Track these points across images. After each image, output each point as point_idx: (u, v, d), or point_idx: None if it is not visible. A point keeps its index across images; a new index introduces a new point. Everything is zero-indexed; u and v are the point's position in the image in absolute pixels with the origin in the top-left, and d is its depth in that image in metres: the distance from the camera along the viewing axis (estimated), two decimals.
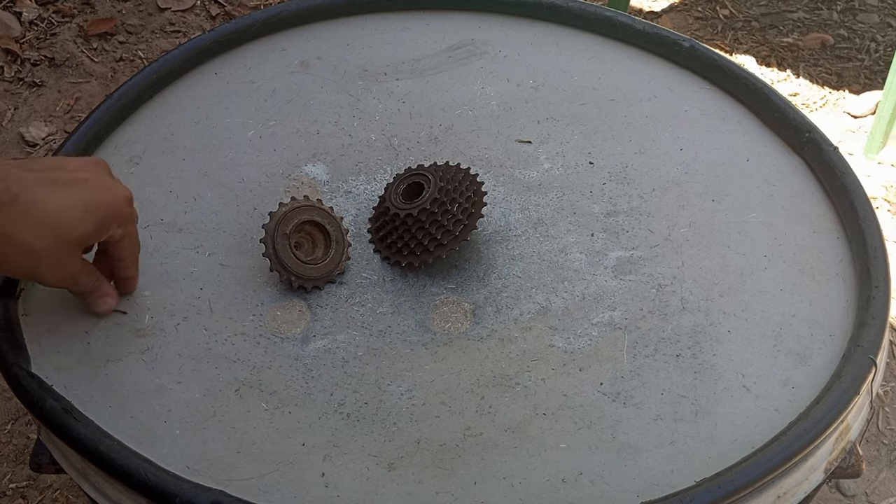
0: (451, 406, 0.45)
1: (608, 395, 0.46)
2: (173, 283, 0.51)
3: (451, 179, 0.51)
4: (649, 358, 0.47)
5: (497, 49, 0.65)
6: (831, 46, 1.22)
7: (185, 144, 0.58)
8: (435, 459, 0.43)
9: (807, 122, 0.57)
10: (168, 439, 0.43)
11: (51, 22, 1.11)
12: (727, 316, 0.49)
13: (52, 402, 0.43)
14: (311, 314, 0.50)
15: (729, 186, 0.56)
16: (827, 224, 0.53)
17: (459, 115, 0.61)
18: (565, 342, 0.48)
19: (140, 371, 0.46)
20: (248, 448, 0.43)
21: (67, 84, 1.05)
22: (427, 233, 0.50)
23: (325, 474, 0.42)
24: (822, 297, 0.50)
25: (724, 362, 0.47)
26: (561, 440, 0.44)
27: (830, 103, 1.16)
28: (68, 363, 0.46)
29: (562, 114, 0.60)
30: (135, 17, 1.12)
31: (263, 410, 0.45)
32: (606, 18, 0.65)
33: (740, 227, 0.53)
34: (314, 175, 0.57)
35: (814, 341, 0.48)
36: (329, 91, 0.62)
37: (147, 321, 0.49)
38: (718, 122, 0.60)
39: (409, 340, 0.49)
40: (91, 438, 0.42)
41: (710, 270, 0.51)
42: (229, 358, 0.47)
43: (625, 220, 0.54)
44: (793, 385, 0.46)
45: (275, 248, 0.49)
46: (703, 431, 0.44)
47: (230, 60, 0.63)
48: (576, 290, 0.51)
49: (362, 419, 0.45)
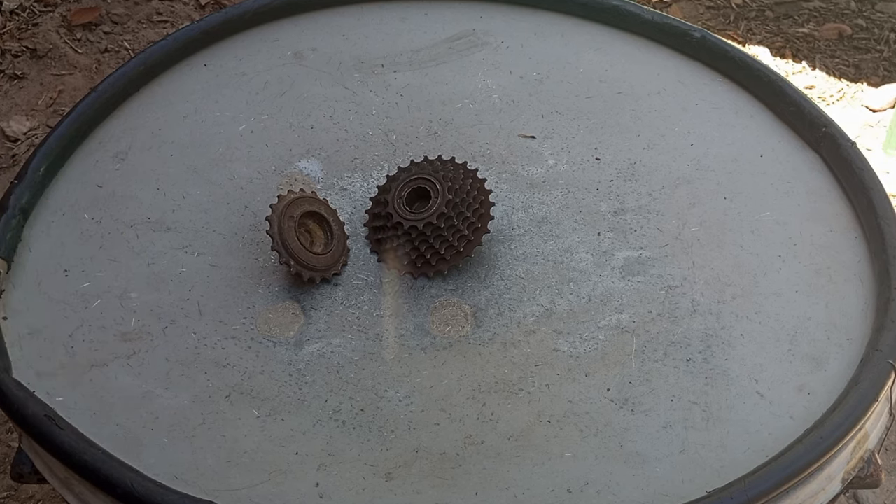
0: (451, 413, 0.44)
1: (615, 402, 0.44)
2: (161, 285, 0.49)
3: (459, 190, 0.49)
4: (658, 363, 0.46)
5: (499, 40, 0.63)
6: (849, 37, 1.20)
7: (174, 139, 0.57)
8: (434, 469, 0.42)
9: (823, 117, 0.56)
10: (155, 448, 0.42)
11: (33, 11, 1.09)
12: (740, 319, 0.48)
13: (34, 409, 0.42)
14: (304, 317, 0.48)
15: (742, 183, 0.55)
16: (844, 223, 0.52)
17: (460, 109, 0.59)
18: (571, 346, 0.47)
19: (126, 376, 0.45)
20: (239, 457, 0.42)
21: (50, 76, 1.04)
22: (430, 247, 0.49)
23: (320, 484, 0.41)
24: (840, 300, 0.48)
25: (736, 367, 0.46)
26: (566, 449, 0.43)
27: (848, 96, 1.14)
28: (51, 368, 0.45)
29: (567, 107, 0.59)
30: (120, 7, 1.10)
31: (255, 418, 0.44)
32: (614, 7, 0.63)
33: (754, 226, 0.52)
34: (308, 171, 0.56)
35: (830, 345, 0.46)
36: (324, 84, 0.60)
37: (133, 324, 0.47)
38: (731, 117, 0.58)
39: (408, 344, 0.47)
40: (75, 447, 0.41)
41: (722, 271, 0.50)
42: (219, 363, 0.46)
43: (633, 218, 0.53)
44: (808, 391, 0.44)
45: (280, 228, 0.47)
46: (715, 439, 0.43)
47: (220, 52, 0.62)
48: (582, 292, 0.49)
49: (358, 427, 0.44)
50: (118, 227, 0.52)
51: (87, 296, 0.49)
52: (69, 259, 0.50)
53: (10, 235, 0.50)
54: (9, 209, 0.50)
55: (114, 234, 0.52)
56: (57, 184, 0.54)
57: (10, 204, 0.51)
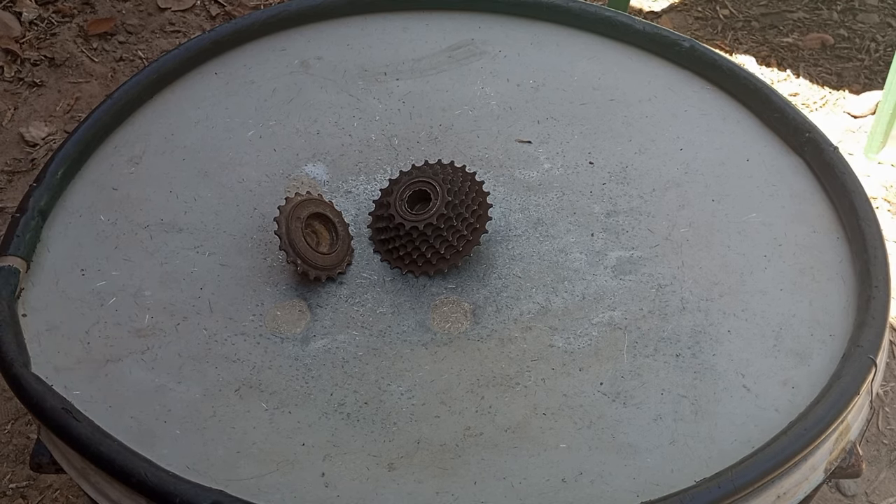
0: (451, 406, 0.45)
1: (608, 395, 0.46)
2: (173, 284, 0.51)
3: (458, 192, 0.51)
4: (649, 358, 0.47)
5: (497, 49, 0.65)
6: (831, 46, 1.22)
7: (185, 144, 0.58)
8: (435, 459, 0.43)
9: (807, 122, 0.57)
10: (168, 439, 0.43)
11: (51, 22, 1.11)
12: (727, 316, 0.49)
13: (52, 402, 0.43)
14: (310, 314, 0.50)
15: (729, 186, 0.56)
16: (827, 224, 0.53)
17: (459, 115, 0.61)
18: (565, 342, 0.48)
19: (140, 371, 0.46)
20: (248, 448, 0.43)
21: (67, 84, 1.05)
22: (431, 247, 0.51)
23: (326, 474, 0.42)
24: (822, 297, 0.50)
25: (724, 362, 0.47)
26: (561, 440, 0.44)
27: (830, 103, 1.16)
28: (68, 363, 0.46)
29: (562, 114, 0.60)
30: (135, 17, 1.12)
31: (263, 410, 0.45)
32: (607, 18, 0.65)
33: (740, 227, 0.53)
34: (314, 175, 0.57)
35: (814, 341, 0.47)
36: (329, 91, 0.62)
37: (147, 321, 0.49)
38: (718, 122, 0.60)
39: (409, 340, 0.49)
40: (91, 438, 0.42)
41: (710, 270, 0.51)
42: (229, 358, 0.47)
43: (625, 220, 0.54)
44: (793, 385, 0.46)
45: (287, 229, 0.49)
46: (703, 431, 0.44)
47: (230, 60, 0.64)
48: (576, 290, 0.51)
49: (362, 419, 0.45)
50: (132, 228, 0.53)
51: (102, 294, 0.50)
52: (86, 259, 0.52)
53: (29, 236, 0.51)
54: (28, 211, 0.52)
55: (128, 235, 0.53)
56: (74, 187, 0.55)
57: (30, 206, 0.52)
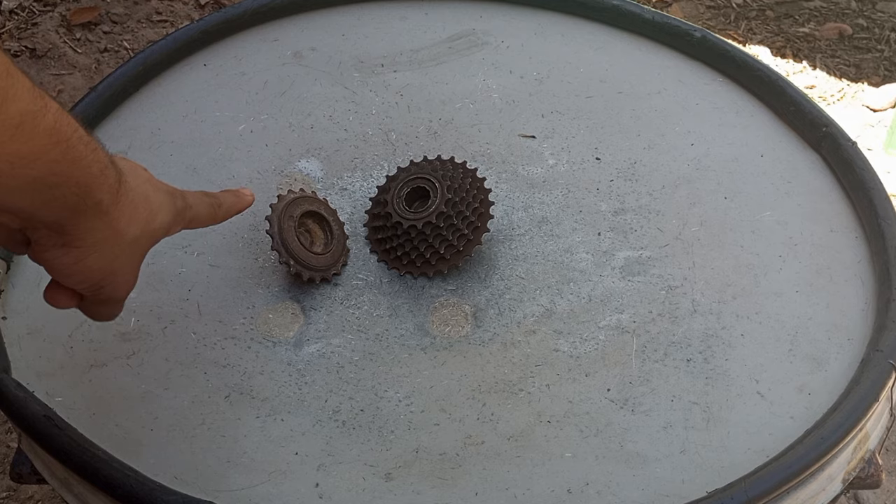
0: (451, 413, 0.44)
1: (616, 402, 0.44)
2: (160, 285, 0.49)
3: (458, 189, 0.49)
4: (659, 363, 0.46)
5: (499, 39, 0.63)
6: (849, 36, 1.20)
7: (173, 139, 0.57)
8: (434, 469, 0.42)
9: (824, 116, 0.56)
10: (155, 448, 0.42)
11: (32, 11, 1.09)
12: (740, 319, 0.48)
13: (34, 409, 0.41)
14: (304, 317, 0.48)
15: (742, 183, 0.54)
16: (845, 223, 0.52)
17: (460, 109, 0.59)
18: (571, 346, 0.47)
19: (125, 377, 0.45)
20: (238, 457, 0.42)
21: (49, 76, 1.04)
22: (430, 246, 0.49)
23: (320, 485, 0.41)
24: (840, 300, 0.48)
25: (737, 368, 0.46)
26: (566, 449, 0.42)
27: (848, 96, 1.14)
28: (50, 368, 0.45)
29: (567, 107, 0.59)
30: (120, 6, 1.10)
31: (255, 418, 0.44)
32: (614, 7, 0.63)
33: (754, 226, 0.52)
34: (308, 171, 0.56)
35: (831, 345, 0.46)
36: (323, 83, 0.60)
37: (133, 325, 0.47)
38: (731, 116, 0.58)
39: (408, 344, 0.47)
40: (74, 447, 0.40)
41: (722, 271, 0.50)
42: (219, 363, 0.46)
43: (633, 218, 0.53)
44: (809, 391, 0.44)
45: (280, 228, 0.47)
46: (715, 440, 0.43)
47: (220, 51, 0.62)
48: (582, 292, 0.49)
49: (358, 427, 0.43)
50: None
51: None
52: None
53: None
54: None
55: None
56: None
57: None
